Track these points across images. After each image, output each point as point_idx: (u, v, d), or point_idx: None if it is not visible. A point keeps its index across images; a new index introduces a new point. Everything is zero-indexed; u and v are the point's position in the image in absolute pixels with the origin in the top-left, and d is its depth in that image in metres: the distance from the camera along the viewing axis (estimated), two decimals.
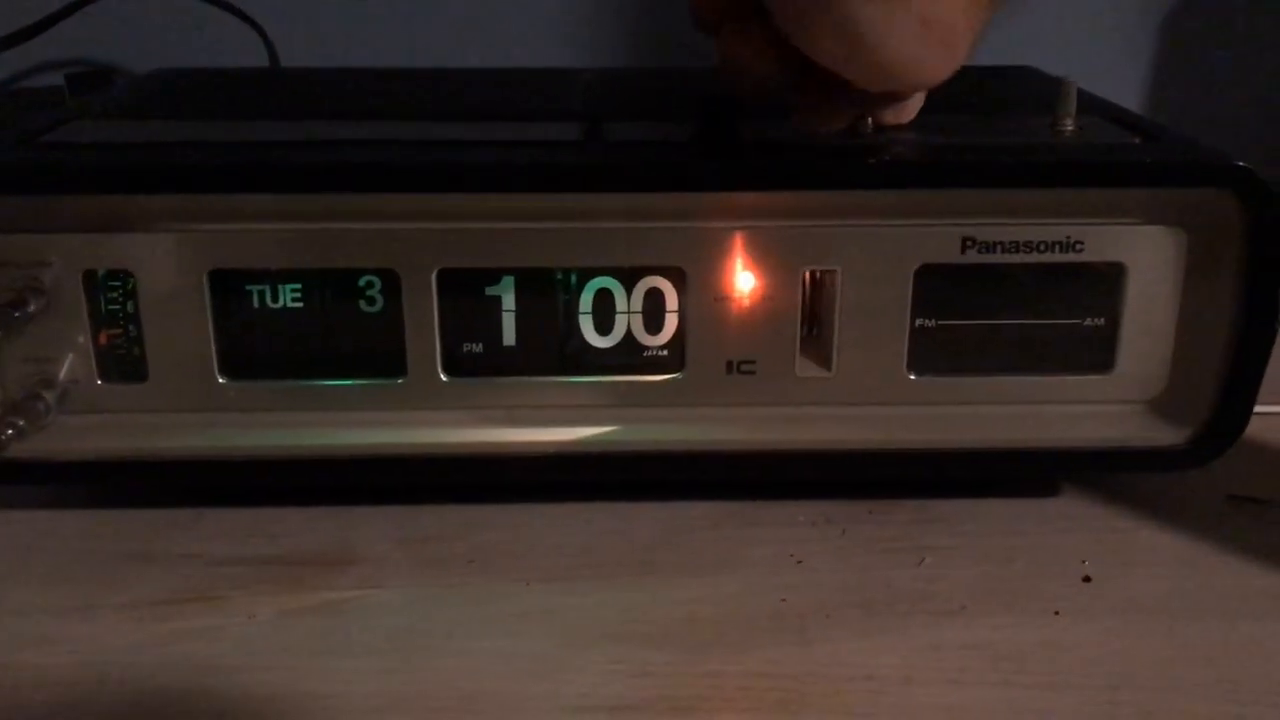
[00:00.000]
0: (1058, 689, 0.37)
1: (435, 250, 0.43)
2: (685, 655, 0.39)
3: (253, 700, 0.37)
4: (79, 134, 0.46)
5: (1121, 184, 0.42)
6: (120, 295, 0.43)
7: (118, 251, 0.43)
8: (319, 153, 0.43)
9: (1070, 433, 0.45)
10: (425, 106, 0.53)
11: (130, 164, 0.42)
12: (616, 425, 0.45)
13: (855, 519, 0.47)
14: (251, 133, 0.46)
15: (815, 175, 0.41)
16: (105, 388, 0.44)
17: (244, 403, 0.45)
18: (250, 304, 0.44)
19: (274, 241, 0.43)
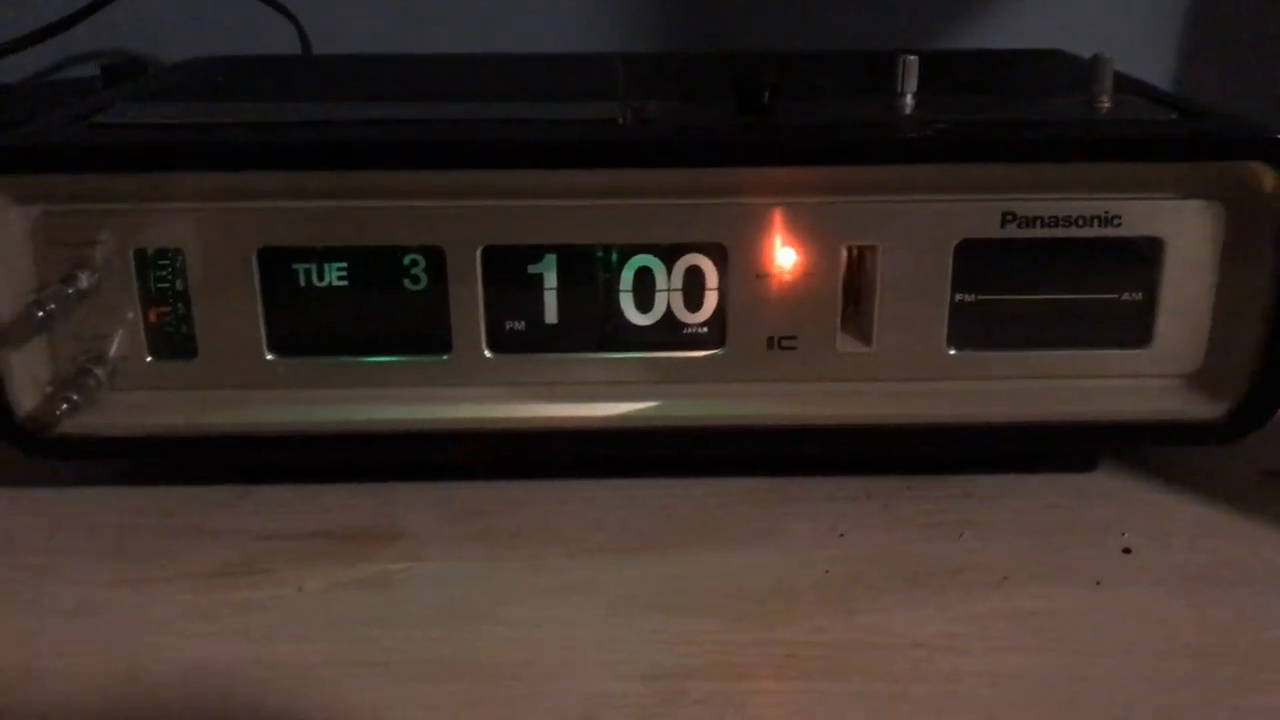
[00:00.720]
0: (1102, 656, 0.38)
1: (480, 227, 0.43)
2: (732, 624, 0.40)
3: (306, 667, 0.38)
4: (127, 115, 0.46)
5: (1160, 158, 0.42)
6: (170, 273, 0.44)
7: (168, 229, 0.43)
8: (367, 131, 0.43)
9: (1108, 407, 0.46)
10: (465, 88, 0.54)
11: (181, 142, 0.43)
12: (659, 401, 0.46)
13: (894, 494, 0.47)
14: (297, 113, 0.46)
15: (856, 150, 0.42)
16: (155, 364, 0.45)
17: (292, 379, 0.45)
18: (298, 281, 0.44)
19: (323, 219, 0.43)
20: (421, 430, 0.45)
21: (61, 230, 0.43)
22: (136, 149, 0.42)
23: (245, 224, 0.43)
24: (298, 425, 0.45)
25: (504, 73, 0.58)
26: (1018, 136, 0.42)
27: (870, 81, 0.50)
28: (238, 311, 0.44)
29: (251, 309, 0.44)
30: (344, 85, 0.56)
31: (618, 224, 0.43)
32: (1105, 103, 0.45)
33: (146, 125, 0.45)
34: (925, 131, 0.42)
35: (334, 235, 0.43)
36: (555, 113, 0.46)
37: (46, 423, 0.44)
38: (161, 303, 0.44)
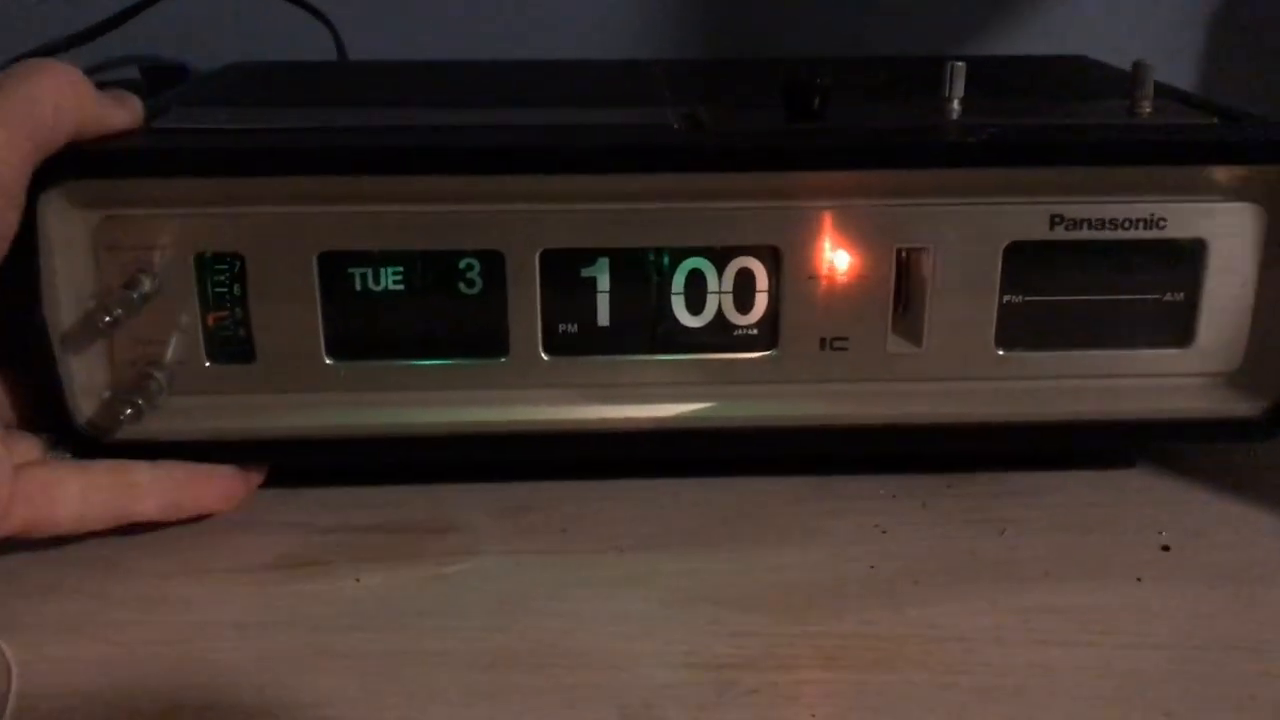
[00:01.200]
0: (1145, 649, 0.38)
1: (539, 231, 0.44)
2: (782, 617, 0.40)
3: (368, 656, 0.39)
4: (186, 119, 0.47)
5: (1204, 161, 0.44)
6: (228, 278, 0.44)
7: (228, 234, 0.43)
8: (429, 136, 0.44)
9: (1150, 404, 0.47)
10: (512, 93, 0.54)
11: (243, 147, 0.43)
12: (713, 402, 0.46)
13: (935, 493, 0.48)
14: (353, 118, 0.47)
15: (910, 154, 0.43)
16: (213, 369, 0.45)
17: (350, 383, 0.46)
18: (357, 286, 0.45)
19: (384, 224, 0.43)
20: (478, 432, 0.46)
21: (123, 235, 0.43)
22: (200, 154, 0.43)
23: (306, 229, 0.44)
24: (355, 429, 0.46)
25: (547, 78, 0.59)
26: (1067, 141, 0.44)
27: (915, 86, 0.51)
28: (296, 316, 0.45)
29: (310, 313, 0.45)
30: (392, 91, 0.57)
31: (673, 227, 0.44)
32: (1147, 108, 0.46)
33: (207, 130, 0.45)
34: (979, 136, 0.43)
35: (394, 240, 0.44)
36: (610, 118, 0.47)
37: (108, 428, 0.44)
38: (220, 307, 0.45)
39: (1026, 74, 0.44)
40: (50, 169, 0.41)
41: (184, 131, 0.45)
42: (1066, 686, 0.37)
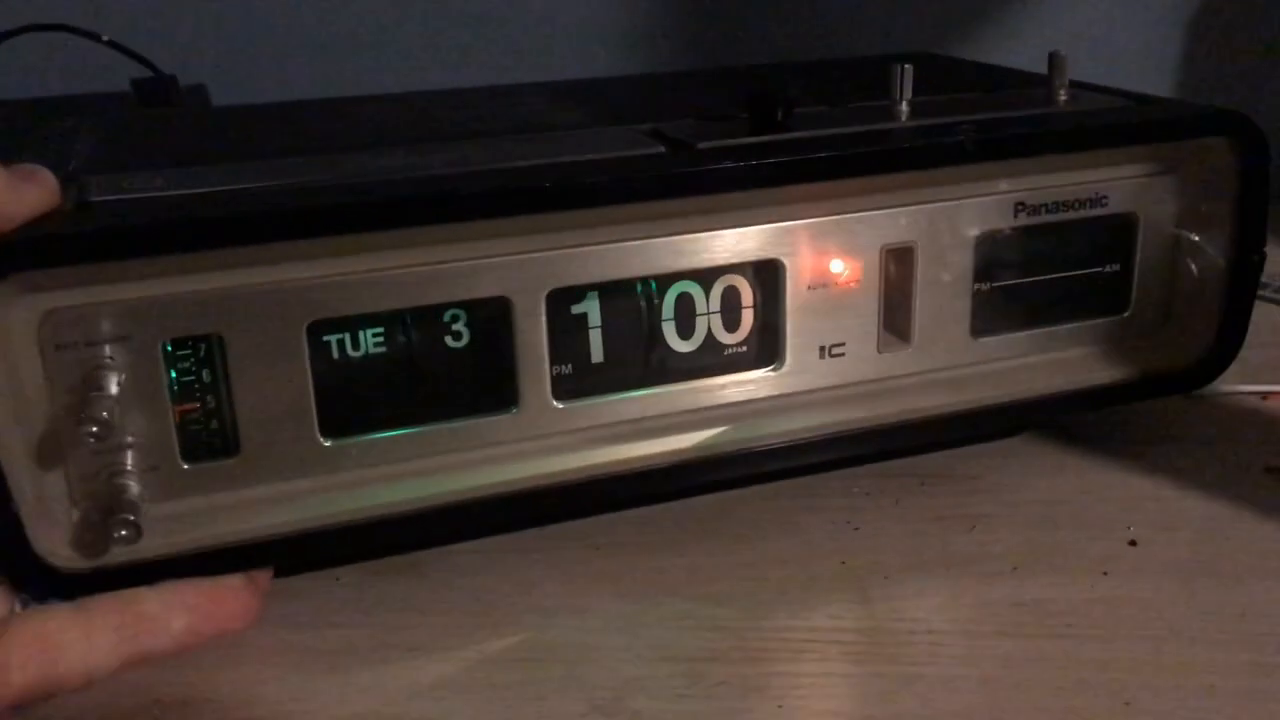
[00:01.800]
0: (1110, 641, 0.39)
1: (546, 272, 0.41)
2: (752, 612, 0.41)
3: (350, 652, 0.39)
4: (116, 189, 0.39)
5: (1150, 139, 0.47)
6: (199, 363, 0.39)
7: (202, 314, 0.38)
8: (427, 184, 0.40)
9: (1099, 371, 0.50)
10: (472, 125, 0.51)
11: (222, 215, 0.37)
12: (729, 425, 0.46)
13: (908, 490, 0.49)
14: (315, 170, 0.42)
15: (895, 159, 0.44)
16: (191, 469, 0.40)
17: (350, 461, 0.41)
18: (352, 353, 0.41)
19: (379, 283, 0.40)
20: (494, 494, 0.42)
21: (74, 329, 0.37)
22: (172, 226, 0.36)
23: (294, 298, 0.39)
24: (360, 512, 0.41)
25: (507, 104, 0.57)
26: (1032, 132, 0.46)
27: (849, 89, 0.53)
28: (286, 396, 0.40)
29: (301, 391, 0.40)
30: (342, 132, 0.52)
31: (672, 252, 0.43)
32: (1063, 96, 0.49)
33: (156, 199, 0.39)
34: (956, 136, 0.44)
35: (390, 299, 0.40)
36: (581, 143, 0.45)
37: (91, 555, 0.38)
38: (191, 398, 0.39)
39: (879, 74, 0.48)
40: None
41: (130, 203, 0.38)
42: (1032, 677, 0.37)
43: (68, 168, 0.43)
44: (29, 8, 0.76)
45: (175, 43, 0.80)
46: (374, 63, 0.84)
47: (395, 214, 0.39)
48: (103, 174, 0.42)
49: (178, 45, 0.80)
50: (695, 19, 0.87)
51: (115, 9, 0.79)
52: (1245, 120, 0.47)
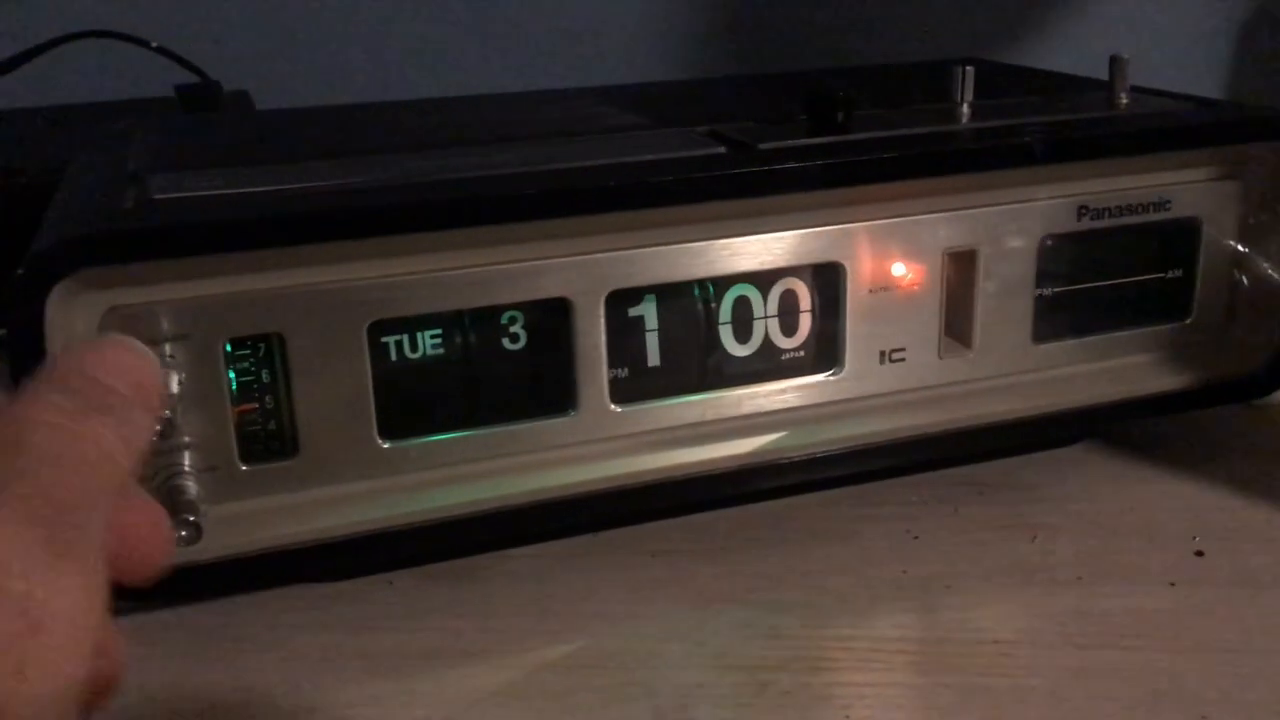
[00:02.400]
0: (1178, 653, 0.38)
1: (604, 273, 0.41)
2: (814, 620, 0.41)
3: (399, 656, 0.39)
4: (178, 188, 0.40)
5: (1218, 142, 0.47)
6: (260, 363, 0.39)
7: (264, 313, 0.38)
8: (492, 184, 0.40)
9: (1162, 377, 0.49)
10: (534, 129, 0.51)
11: (286, 214, 0.37)
12: (787, 431, 0.45)
13: (965, 499, 0.48)
14: (376, 171, 0.42)
15: (963, 159, 0.43)
16: (250, 470, 0.39)
17: (408, 464, 0.41)
18: (412, 355, 0.40)
19: (439, 284, 0.39)
20: (555, 497, 0.42)
21: (137, 326, 0.36)
22: (234, 225, 0.36)
23: (355, 298, 0.38)
24: (419, 514, 0.41)
25: (559, 108, 0.57)
26: (1097, 135, 0.45)
27: (907, 92, 0.52)
28: (346, 397, 0.39)
29: (361, 393, 0.39)
30: (392, 134, 0.52)
31: (729, 255, 0.42)
32: (1124, 99, 0.49)
33: (217, 197, 0.39)
34: (1022, 138, 0.44)
35: (450, 300, 0.40)
36: (654, 146, 0.45)
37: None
38: (251, 398, 0.39)
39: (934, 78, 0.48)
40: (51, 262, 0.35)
41: (192, 202, 0.38)
42: (1101, 689, 0.37)
43: (128, 167, 0.43)
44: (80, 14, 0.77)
45: (219, 49, 0.80)
46: (417, 71, 0.84)
47: (456, 214, 0.38)
48: (165, 173, 0.42)
49: (222, 52, 0.80)
50: (740, 26, 0.87)
51: (163, 15, 0.79)
52: None
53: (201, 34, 0.80)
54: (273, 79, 0.82)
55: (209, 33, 0.81)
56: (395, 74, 0.84)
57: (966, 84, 0.46)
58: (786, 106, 0.47)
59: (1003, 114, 0.47)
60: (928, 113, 0.47)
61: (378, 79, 0.83)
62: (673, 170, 0.41)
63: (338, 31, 0.83)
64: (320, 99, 0.79)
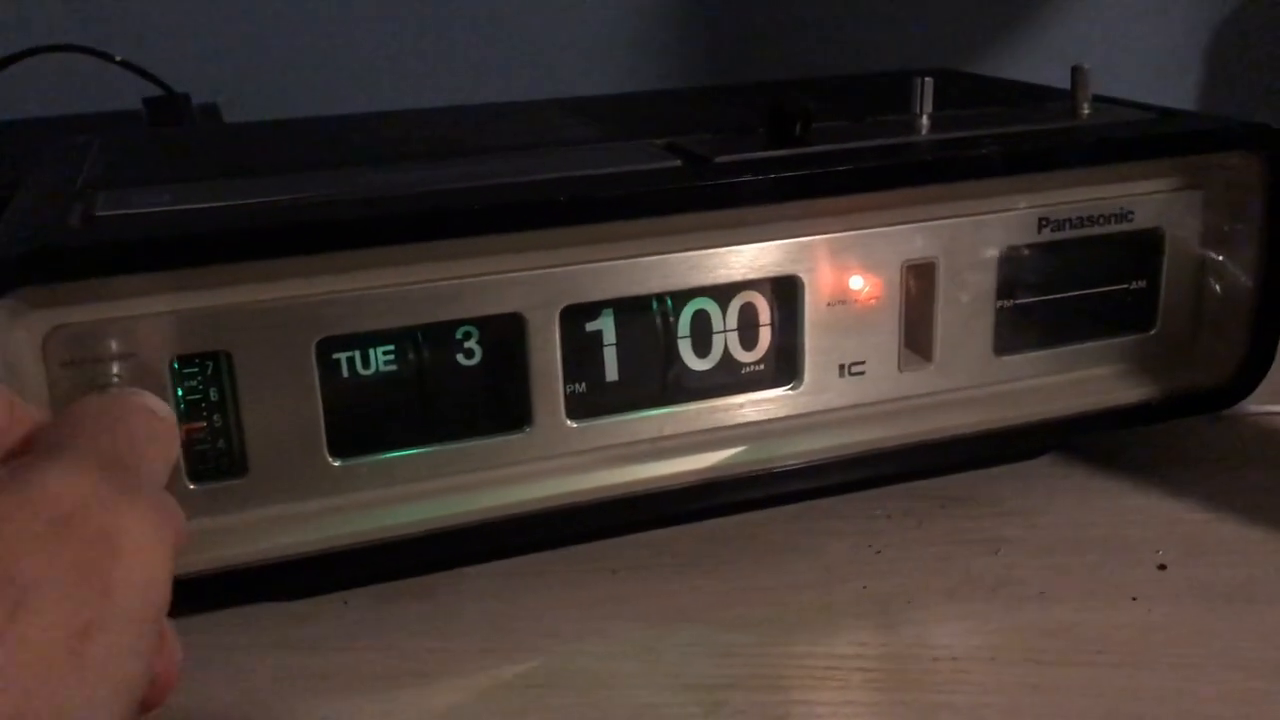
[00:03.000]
0: (1140, 669, 0.38)
1: (558, 288, 0.40)
2: (772, 638, 0.40)
3: (362, 676, 0.39)
4: (125, 204, 0.39)
5: (1179, 153, 0.47)
6: (207, 381, 0.38)
7: (211, 331, 0.37)
8: (444, 198, 0.39)
9: (1125, 390, 0.49)
10: (490, 141, 0.50)
11: (234, 229, 0.37)
12: (747, 446, 0.45)
13: (929, 513, 0.48)
14: (331, 185, 0.41)
15: (920, 172, 0.43)
16: (199, 490, 0.39)
17: (360, 482, 0.41)
18: (363, 371, 0.40)
19: (389, 300, 0.39)
20: (509, 514, 0.42)
21: (81, 346, 0.36)
22: (182, 242, 0.36)
23: (304, 314, 0.38)
24: (372, 533, 0.40)
25: (521, 120, 0.56)
26: (1057, 145, 0.45)
27: (867, 103, 0.52)
28: (295, 415, 0.39)
29: (311, 410, 0.39)
30: (354, 148, 0.52)
31: (688, 268, 0.42)
32: (1087, 109, 0.48)
33: (164, 214, 0.38)
34: (981, 150, 0.43)
35: (400, 316, 0.39)
36: (596, 156, 0.45)
37: None
38: (198, 417, 0.38)
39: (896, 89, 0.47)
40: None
41: (136, 219, 0.38)
42: (1061, 706, 0.36)
43: (77, 183, 0.43)
44: (46, 29, 0.77)
45: (189, 62, 0.80)
46: (388, 81, 0.84)
47: (406, 229, 0.38)
48: (112, 189, 0.41)
49: (191, 65, 0.80)
50: (711, 36, 0.87)
51: (130, 30, 0.79)
52: (1272, 133, 0.46)
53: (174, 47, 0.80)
54: (243, 92, 0.81)
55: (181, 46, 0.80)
56: (367, 86, 0.84)
57: (926, 95, 0.46)
58: (747, 118, 0.47)
59: (962, 125, 0.46)
60: (887, 124, 0.47)
61: (348, 92, 0.83)
62: (626, 184, 0.41)
63: (308, 44, 0.83)
64: (289, 112, 0.79)
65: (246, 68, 0.82)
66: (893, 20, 0.87)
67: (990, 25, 0.88)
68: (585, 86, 0.84)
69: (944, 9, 0.87)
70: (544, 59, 0.85)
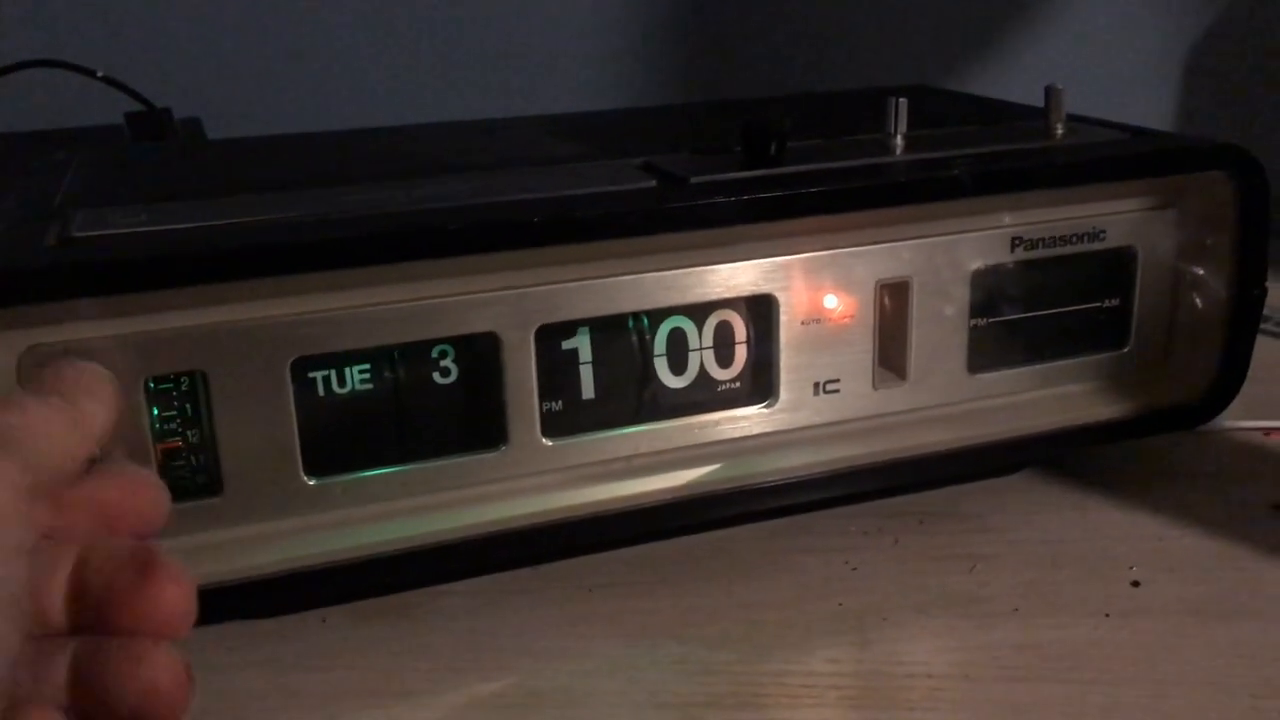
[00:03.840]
0: (1114, 685, 0.38)
1: (533, 307, 0.41)
2: (748, 655, 0.40)
3: (328, 694, 0.38)
4: (101, 224, 0.39)
5: (1152, 173, 0.47)
6: (182, 400, 0.38)
7: (186, 351, 0.37)
8: (418, 218, 0.39)
9: (1099, 407, 0.50)
10: (468, 159, 0.50)
11: (208, 250, 0.37)
12: (723, 463, 0.45)
13: (906, 529, 0.48)
14: (316, 205, 0.41)
15: (892, 193, 0.43)
16: (174, 508, 0.34)
17: (334, 501, 0.41)
18: (338, 390, 0.40)
19: (364, 319, 0.39)
20: (485, 533, 0.42)
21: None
22: (156, 262, 0.36)
23: (279, 334, 0.38)
24: (348, 551, 0.40)
25: (500, 138, 0.56)
26: (1029, 166, 0.45)
27: (856, 122, 0.52)
28: (269, 434, 0.39)
29: (286, 429, 0.39)
30: (332, 166, 0.52)
31: (664, 287, 0.42)
32: (1061, 129, 0.49)
33: (140, 235, 0.38)
34: (953, 171, 0.44)
35: (375, 335, 0.39)
36: (577, 175, 0.45)
37: None
38: (171, 436, 0.38)
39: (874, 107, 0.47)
40: None
41: (112, 240, 0.38)
42: None
43: (54, 202, 0.43)
44: (25, 43, 0.76)
45: (172, 77, 0.80)
46: (371, 97, 0.84)
47: (379, 249, 0.38)
48: (89, 209, 0.41)
49: (174, 79, 0.80)
50: (690, 53, 0.87)
51: (111, 44, 0.79)
52: (1244, 154, 0.46)
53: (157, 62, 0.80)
54: (227, 106, 0.81)
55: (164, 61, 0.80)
56: (348, 102, 0.84)
57: (900, 115, 0.46)
58: (724, 137, 0.47)
59: (936, 145, 0.47)
60: (862, 144, 0.47)
61: (329, 107, 0.83)
62: (602, 205, 0.41)
63: (290, 60, 0.83)
64: (272, 126, 0.79)
65: (229, 83, 0.82)
66: (870, 37, 0.88)
67: (967, 42, 0.89)
68: (565, 103, 0.85)
69: (921, 26, 0.88)
70: (524, 76, 0.85)
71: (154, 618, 0.27)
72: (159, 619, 0.27)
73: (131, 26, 0.81)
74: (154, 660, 0.26)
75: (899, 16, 0.88)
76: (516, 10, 0.85)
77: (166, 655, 0.27)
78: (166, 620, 0.27)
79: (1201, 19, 0.88)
